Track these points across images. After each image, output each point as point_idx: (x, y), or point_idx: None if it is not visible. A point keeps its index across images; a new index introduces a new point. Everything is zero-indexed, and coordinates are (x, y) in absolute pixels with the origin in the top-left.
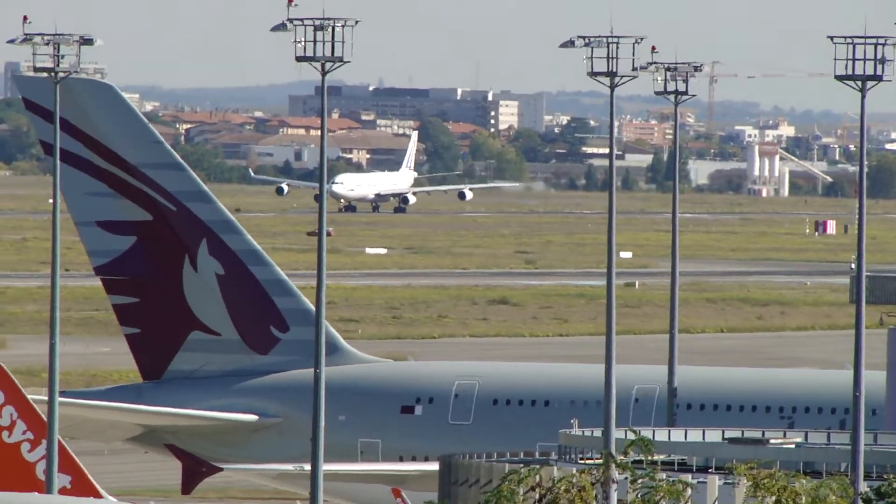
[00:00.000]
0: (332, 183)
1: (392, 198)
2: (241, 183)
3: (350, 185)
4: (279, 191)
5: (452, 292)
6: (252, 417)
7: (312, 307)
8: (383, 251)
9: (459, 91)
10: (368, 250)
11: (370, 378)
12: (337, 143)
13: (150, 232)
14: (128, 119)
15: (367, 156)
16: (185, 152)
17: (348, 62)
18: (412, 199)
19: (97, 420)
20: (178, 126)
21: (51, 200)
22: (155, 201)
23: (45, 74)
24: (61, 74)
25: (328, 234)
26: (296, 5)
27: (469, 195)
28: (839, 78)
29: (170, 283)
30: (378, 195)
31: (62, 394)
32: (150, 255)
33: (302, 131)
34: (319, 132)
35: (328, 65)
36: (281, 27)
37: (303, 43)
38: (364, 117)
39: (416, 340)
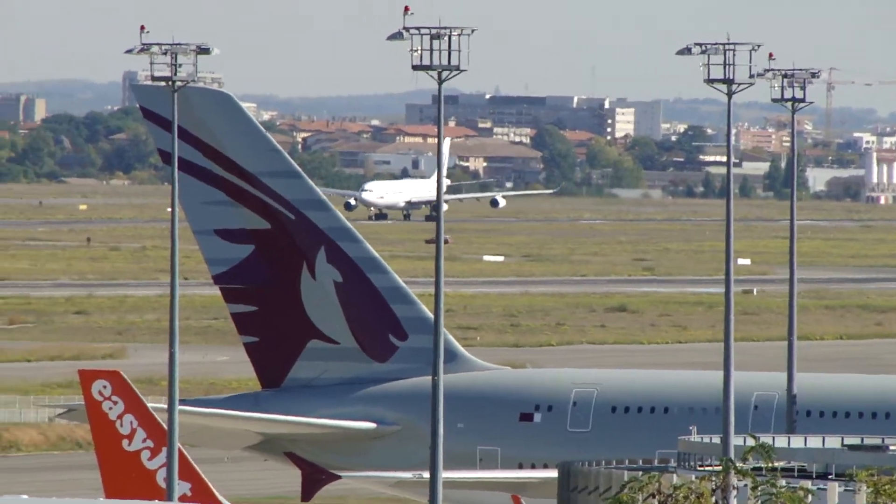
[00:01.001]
0: (362, 191)
1: (424, 205)
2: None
3: (379, 192)
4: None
5: (570, 300)
6: (371, 425)
7: (431, 315)
8: (501, 259)
9: (576, 99)
10: (486, 258)
11: (488, 386)
12: (453, 150)
13: (268, 240)
14: (245, 128)
15: (484, 164)
16: (303, 161)
17: (465, 70)
18: (443, 207)
19: (216, 428)
20: (295, 135)
21: (169, 209)
22: (273, 209)
23: (162, 84)
24: (179, 84)
25: (446, 242)
26: (412, 14)
27: (502, 202)
28: None
29: (288, 292)
30: (409, 203)
31: (181, 402)
32: (269, 264)
33: (419, 139)
34: (436, 140)
35: (445, 73)
36: (397, 36)
37: (419, 52)
38: (481, 125)
39: (534, 348)
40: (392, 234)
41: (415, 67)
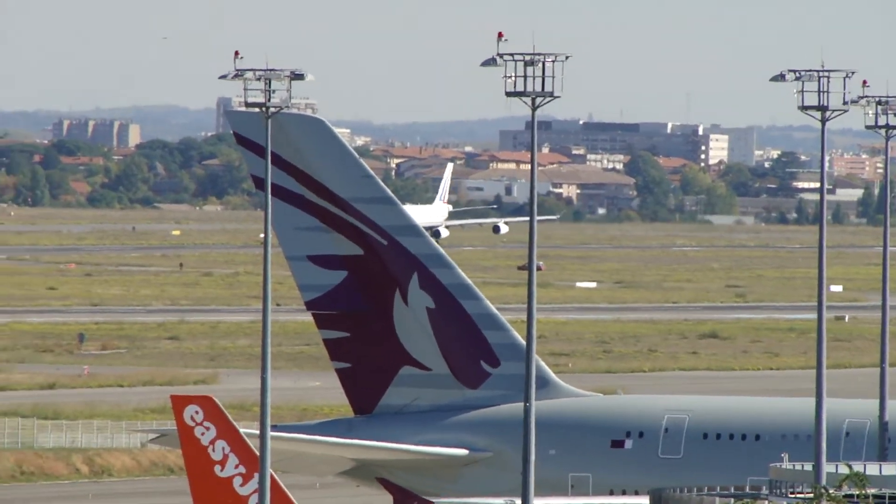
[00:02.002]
0: None
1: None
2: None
3: None
4: None
5: (662, 326)
6: (463, 452)
7: (523, 341)
8: (593, 285)
9: (670, 125)
10: (579, 284)
11: (580, 412)
12: (547, 177)
13: (361, 266)
14: (339, 153)
15: (577, 190)
16: (396, 187)
17: (558, 97)
18: (444, 233)
19: (308, 454)
20: (388, 160)
21: (262, 235)
22: (366, 235)
23: (256, 110)
24: (272, 109)
25: (539, 268)
26: (506, 40)
27: (504, 229)
28: None
29: (381, 318)
30: None
31: (274, 428)
32: (362, 290)
33: (512, 166)
34: (529, 167)
35: (538, 100)
36: (491, 62)
37: (513, 78)
38: (574, 151)
39: (626, 374)
40: (485, 261)
41: (508, 94)
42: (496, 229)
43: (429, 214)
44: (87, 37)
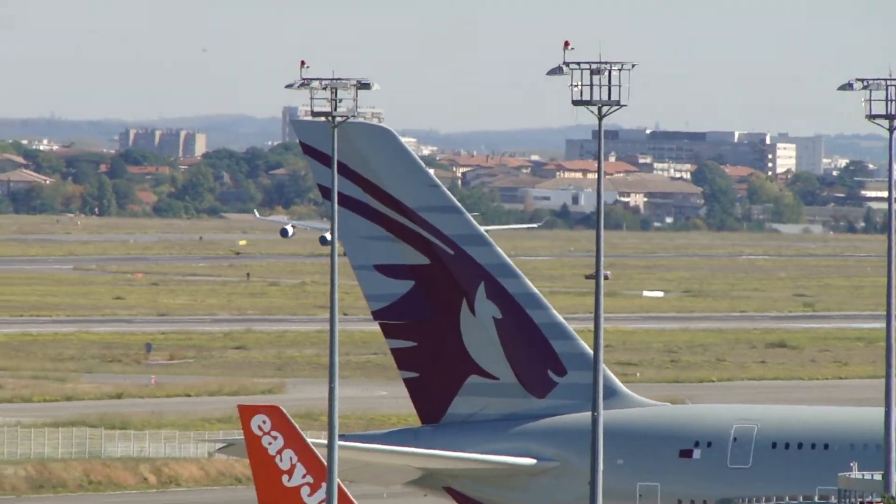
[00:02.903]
0: (327, 230)
1: None
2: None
3: None
4: (283, 232)
5: (730, 335)
6: (530, 461)
7: (590, 350)
8: (660, 294)
9: (736, 134)
10: (646, 293)
11: (648, 421)
12: (614, 186)
13: (428, 276)
14: (405, 163)
15: (644, 199)
16: (462, 196)
17: (625, 106)
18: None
19: (376, 463)
20: (454, 170)
21: (324, 235)
22: (433, 245)
23: (322, 119)
24: (339, 119)
25: (605, 278)
26: (572, 49)
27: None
28: None
29: (448, 328)
30: None
31: (341, 437)
32: (429, 299)
33: (578, 175)
34: (596, 176)
35: (605, 108)
36: (557, 71)
37: (580, 87)
38: (641, 160)
39: (694, 384)
40: (552, 270)
41: (575, 102)
42: None
43: None
44: (153, 46)
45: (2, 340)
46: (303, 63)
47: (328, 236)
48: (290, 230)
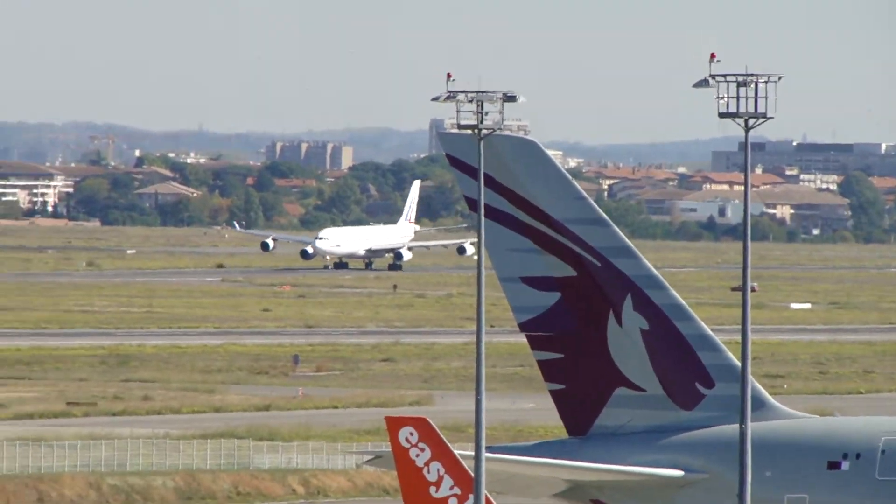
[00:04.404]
0: (316, 238)
1: (386, 253)
2: (664, 239)
3: (336, 240)
4: (264, 246)
5: (878, 347)
6: (678, 473)
7: (738, 362)
8: (808, 306)
9: (884, 145)
10: (793, 305)
11: (796, 433)
12: (760, 198)
13: (574, 288)
14: (551, 175)
15: (791, 211)
16: (609, 208)
17: (771, 118)
18: (407, 255)
19: (523, 475)
20: (601, 182)
21: (475, 256)
22: (579, 257)
23: (468, 132)
24: (485, 131)
25: (752, 290)
26: (719, 62)
27: (470, 250)
28: None
29: (595, 339)
30: (370, 250)
31: (488, 449)
32: (575, 311)
33: (725, 186)
34: (743, 187)
35: (751, 121)
36: (703, 83)
37: (726, 99)
38: (787, 172)
39: (843, 395)
40: (699, 282)
41: (721, 115)
42: (461, 250)
43: (391, 235)
44: (299, 60)
45: (151, 352)
46: (449, 76)
47: (309, 250)
48: (271, 243)
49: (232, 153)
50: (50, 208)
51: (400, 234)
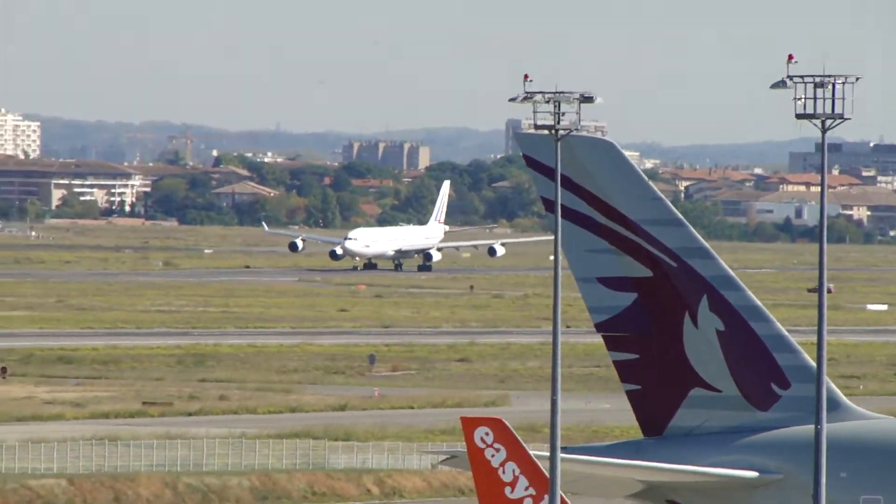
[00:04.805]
0: (345, 239)
1: (416, 254)
2: (741, 240)
3: (365, 240)
4: (293, 246)
5: None
6: (753, 474)
7: (813, 363)
8: (884, 307)
9: None
10: (870, 307)
11: (872, 434)
12: (837, 199)
13: (650, 288)
14: (628, 176)
15: (868, 212)
16: (685, 209)
17: (848, 119)
18: (436, 256)
19: (598, 476)
20: (677, 183)
21: (552, 257)
22: (656, 258)
23: (545, 132)
24: (562, 132)
25: (829, 291)
26: (796, 63)
27: (501, 251)
28: None
29: (670, 340)
30: (399, 251)
31: (563, 450)
32: (651, 312)
33: (802, 188)
34: (819, 189)
35: (828, 122)
36: (780, 84)
37: (803, 100)
38: (864, 173)
39: None
40: (775, 283)
41: (798, 116)
42: (492, 251)
43: (421, 236)
44: (376, 60)
45: (228, 352)
46: (526, 76)
47: (338, 251)
48: (300, 244)
49: (309, 153)
50: (127, 208)
51: (430, 234)
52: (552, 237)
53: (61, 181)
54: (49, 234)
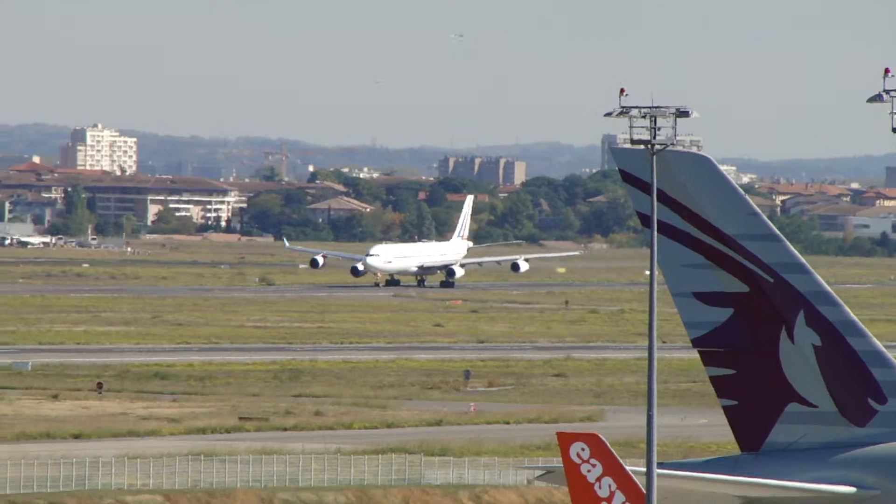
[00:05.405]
0: (367, 255)
1: (438, 270)
2: (837, 255)
3: (387, 256)
4: (314, 263)
5: None
6: (850, 490)
7: None
8: None
9: None
10: None
11: None
12: None
13: (747, 303)
14: (725, 191)
15: None
16: (781, 224)
17: None
18: (459, 272)
19: (694, 491)
20: (773, 197)
21: (647, 272)
22: (752, 273)
23: (641, 147)
24: (657, 147)
25: None
26: (892, 76)
27: (524, 266)
28: None
29: (767, 356)
30: (421, 267)
31: (660, 465)
32: (748, 327)
33: None
34: None
35: None
36: (877, 98)
37: None
38: None
39: None
40: (872, 298)
41: (895, 130)
42: (515, 267)
43: (444, 252)
44: (470, 75)
45: (323, 367)
46: (622, 91)
47: (360, 267)
48: (321, 260)
49: (405, 168)
50: (223, 223)
51: (452, 250)
52: (574, 253)
53: (157, 197)
54: (145, 250)
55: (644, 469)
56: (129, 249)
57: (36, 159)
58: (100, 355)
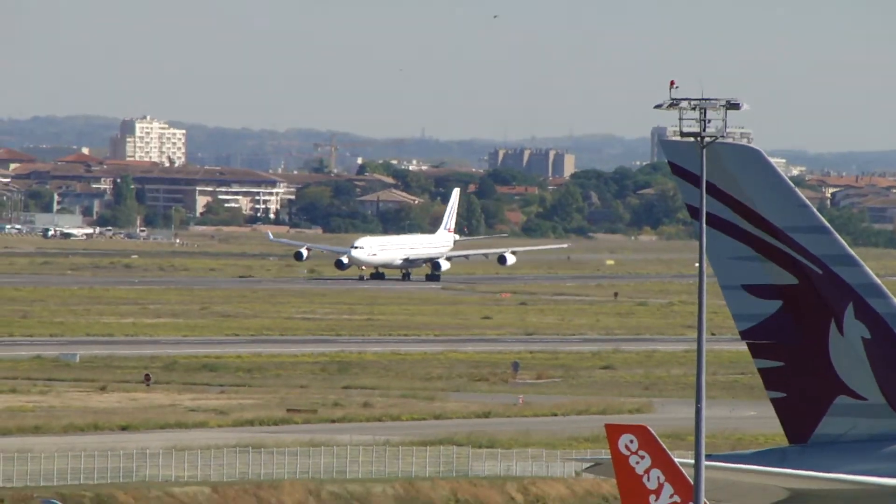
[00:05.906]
0: (352, 248)
1: (423, 263)
2: (887, 247)
3: (371, 249)
4: (298, 255)
5: None
6: None
7: None
8: None
9: None
10: None
11: None
12: None
13: (795, 296)
14: (775, 183)
15: None
16: (831, 216)
17: None
18: (445, 265)
19: (743, 483)
20: (823, 190)
21: (696, 264)
22: (801, 265)
23: (691, 139)
24: (707, 139)
25: None
26: None
27: (511, 259)
28: None
29: (816, 348)
30: (407, 260)
31: (708, 457)
32: (796, 319)
33: None
34: None
35: None
36: None
37: None
38: None
39: None
40: None
41: None
42: (502, 260)
43: (430, 244)
44: (521, 69)
45: (372, 359)
46: (672, 83)
47: (344, 260)
48: (305, 253)
49: (454, 160)
50: (272, 215)
51: (438, 243)
52: (564, 245)
53: (206, 188)
54: (193, 242)
55: (692, 461)
56: (177, 241)
57: (85, 151)
58: (148, 347)
